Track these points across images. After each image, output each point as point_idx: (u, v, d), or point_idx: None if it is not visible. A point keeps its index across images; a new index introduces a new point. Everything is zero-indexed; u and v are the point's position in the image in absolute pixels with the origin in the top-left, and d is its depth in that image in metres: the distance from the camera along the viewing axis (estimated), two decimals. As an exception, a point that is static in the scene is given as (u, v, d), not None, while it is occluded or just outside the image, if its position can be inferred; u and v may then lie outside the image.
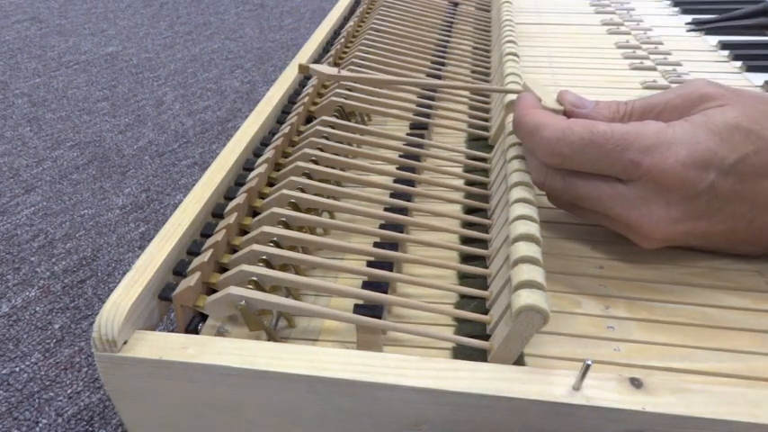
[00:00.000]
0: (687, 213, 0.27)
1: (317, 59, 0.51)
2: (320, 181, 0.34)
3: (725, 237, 0.29)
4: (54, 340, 0.51)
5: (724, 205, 0.27)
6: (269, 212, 0.31)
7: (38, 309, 0.55)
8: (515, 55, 0.45)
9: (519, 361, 0.25)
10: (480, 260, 0.31)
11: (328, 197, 0.33)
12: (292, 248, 0.30)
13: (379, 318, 0.26)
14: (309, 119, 0.43)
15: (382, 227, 0.32)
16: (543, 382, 0.22)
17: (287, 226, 0.30)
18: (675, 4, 0.69)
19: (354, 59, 0.47)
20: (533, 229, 0.26)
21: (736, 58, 0.55)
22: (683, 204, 0.27)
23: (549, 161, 0.29)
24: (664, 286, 0.30)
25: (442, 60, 0.51)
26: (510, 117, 0.35)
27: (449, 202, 0.35)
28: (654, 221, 0.27)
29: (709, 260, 0.31)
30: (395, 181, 0.36)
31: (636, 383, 0.22)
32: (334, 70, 0.36)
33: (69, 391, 0.46)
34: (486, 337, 0.26)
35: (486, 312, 0.27)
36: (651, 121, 0.28)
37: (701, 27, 0.56)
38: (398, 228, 0.32)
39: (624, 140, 0.27)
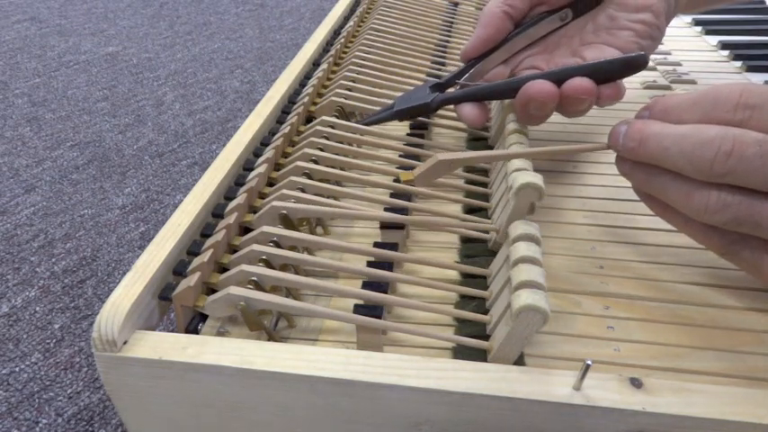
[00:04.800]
0: None
1: (317, 59, 0.51)
2: (320, 181, 0.34)
3: None
4: (54, 340, 0.51)
5: None
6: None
7: (38, 309, 0.55)
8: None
9: (519, 361, 0.25)
10: (480, 260, 0.31)
11: (328, 197, 0.33)
12: (292, 248, 0.30)
13: (379, 318, 0.26)
14: (309, 119, 0.43)
15: (382, 226, 0.32)
16: (543, 383, 0.22)
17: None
18: (675, 4, 0.69)
19: (354, 59, 0.47)
20: (533, 229, 0.26)
21: (736, 58, 0.55)
22: None
23: (717, 171, 0.23)
24: (664, 286, 0.30)
25: (442, 60, 0.51)
26: (510, 116, 0.35)
27: (449, 201, 0.35)
28: None
29: (709, 260, 0.31)
30: (395, 181, 0.36)
31: (636, 383, 0.22)
32: (433, 161, 0.29)
33: (69, 391, 0.46)
34: (487, 338, 0.26)
35: (486, 312, 0.27)
36: None
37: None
38: (398, 228, 0.32)
39: None
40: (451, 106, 0.37)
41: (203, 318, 0.28)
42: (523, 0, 0.36)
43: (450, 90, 0.37)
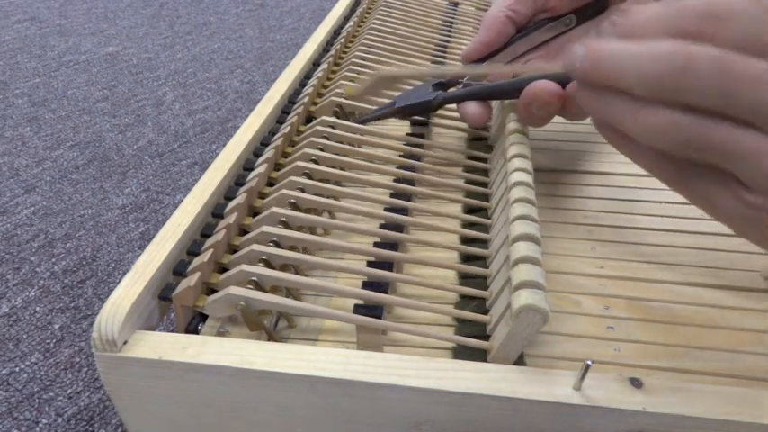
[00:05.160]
0: None
1: (317, 59, 0.51)
2: (320, 181, 0.34)
3: None
4: (54, 340, 0.51)
5: None
6: (269, 212, 0.31)
7: (38, 309, 0.55)
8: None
9: (519, 361, 0.25)
10: (480, 260, 0.31)
11: (328, 197, 0.33)
12: (292, 248, 0.30)
13: (379, 318, 0.26)
14: (309, 119, 0.43)
15: (382, 227, 0.32)
16: (543, 383, 0.22)
17: (287, 226, 0.30)
18: (675, 4, 0.69)
19: (354, 59, 0.47)
20: (533, 229, 0.26)
21: (736, 58, 0.55)
22: None
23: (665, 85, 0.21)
24: (664, 286, 0.30)
25: (442, 60, 0.51)
26: (510, 116, 0.35)
27: (449, 201, 0.35)
28: None
29: (709, 260, 0.31)
30: (395, 181, 0.36)
31: (636, 383, 0.22)
32: (375, 76, 0.32)
33: (69, 391, 0.46)
34: (487, 338, 0.26)
35: (486, 312, 0.27)
36: None
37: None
38: (398, 228, 0.32)
39: None
40: (452, 106, 0.37)
41: (203, 318, 0.28)
42: (527, 6, 0.35)
43: (453, 89, 0.37)
